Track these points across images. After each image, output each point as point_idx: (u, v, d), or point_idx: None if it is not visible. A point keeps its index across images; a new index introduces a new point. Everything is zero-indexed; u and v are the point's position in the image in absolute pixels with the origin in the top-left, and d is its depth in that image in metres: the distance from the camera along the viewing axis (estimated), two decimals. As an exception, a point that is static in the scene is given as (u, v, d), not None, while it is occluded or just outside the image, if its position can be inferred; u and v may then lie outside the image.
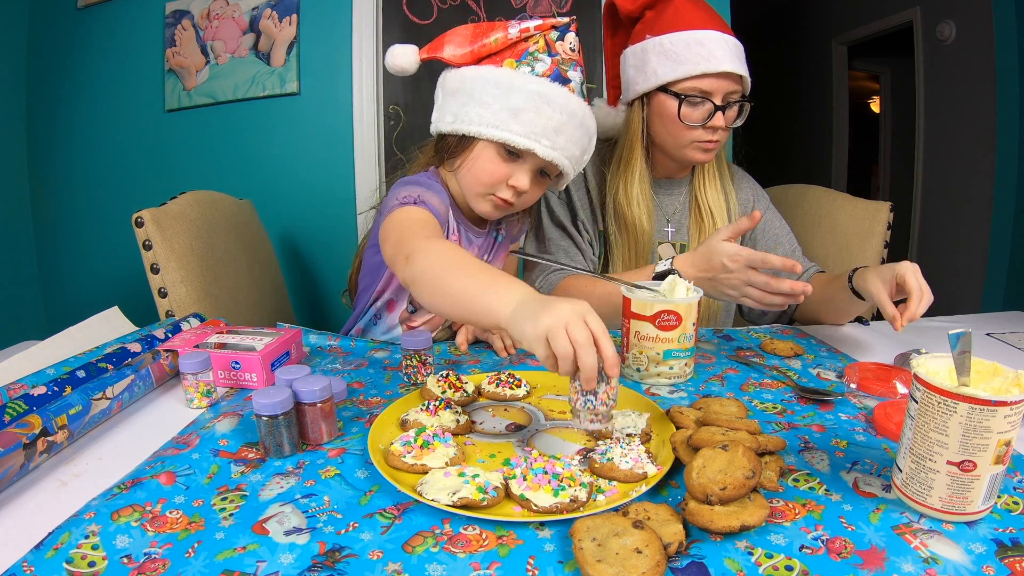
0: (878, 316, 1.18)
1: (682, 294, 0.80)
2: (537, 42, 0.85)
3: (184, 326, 0.92)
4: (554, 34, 0.85)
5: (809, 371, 0.83)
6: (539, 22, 0.85)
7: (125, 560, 0.45)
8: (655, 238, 1.13)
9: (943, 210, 3.15)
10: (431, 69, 1.00)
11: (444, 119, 0.88)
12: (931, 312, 0.84)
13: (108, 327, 0.90)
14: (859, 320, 1.07)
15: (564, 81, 0.84)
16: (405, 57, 0.89)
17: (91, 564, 0.44)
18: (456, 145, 0.88)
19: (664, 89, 1.01)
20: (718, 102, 1.00)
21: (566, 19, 0.86)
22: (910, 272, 0.82)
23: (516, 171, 0.86)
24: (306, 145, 1.92)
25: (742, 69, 1.00)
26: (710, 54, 0.97)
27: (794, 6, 4.32)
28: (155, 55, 1.96)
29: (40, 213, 2.17)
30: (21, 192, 2.14)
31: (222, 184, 1.49)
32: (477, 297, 0.61)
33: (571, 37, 0.85)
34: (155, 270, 1.07)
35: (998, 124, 2.62)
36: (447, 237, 0.90)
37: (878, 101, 4.66)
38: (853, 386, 0.76)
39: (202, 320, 0.98)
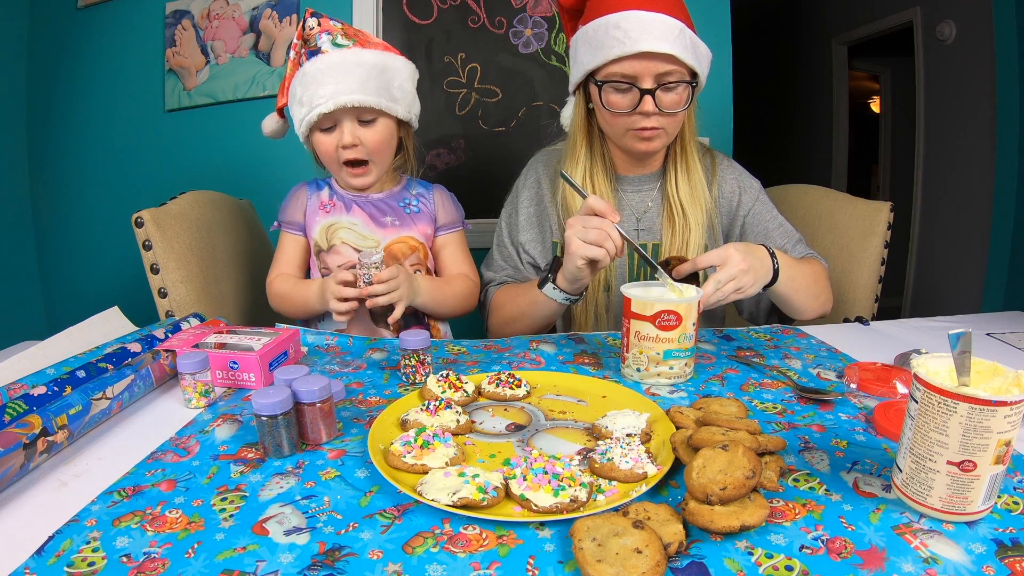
0: (878, 316, 1.18)
1: (689, 291, 0.80)
2: (299, 48, 1.05)
3: (184, 326, 0.92)
4: (305, 31, 1.04)
5: (809, 371, 0.83)
6: (294, 40, 1.05)
7: (124, 559, 0.45)
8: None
9: (943, 210, 3.15)
10: (431, 69, 1.02)
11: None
12: (931, 312, 0.85)
13: (108, 327, 0.90)
14: (859, 320, 1.07)
15: (314, 52, 1.02)
16: (268, 126, 1.15)
17: (90, 564, 0.45)
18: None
19: (591, 78, 0.99)
20: (647, 85, 0.94)
21: (303, 17, 1.05)
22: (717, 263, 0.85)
23: (339, 135, 1.03)
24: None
25: (671, 48, 0.91)
26: (626, 36, 0.91)
27: (794, 6, 4.32)
28: (155, 55, 1.95)
29: (40, 213, 2.17)
30: (21, 192, 2.14)
31: (222, 184, 1.49)
32: (303, 300, 1.07)
33: (310, 21, 1.03)
34: (155, 270, 1.07)
35: (998, 124, 2.62)
36: (323, 210, 1.12)
37: (878, 101, 4.66)
38: (853, 386, 0.76)
39: (202, 320, 0.98)
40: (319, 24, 1.03)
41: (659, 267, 0.85)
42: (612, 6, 0.94)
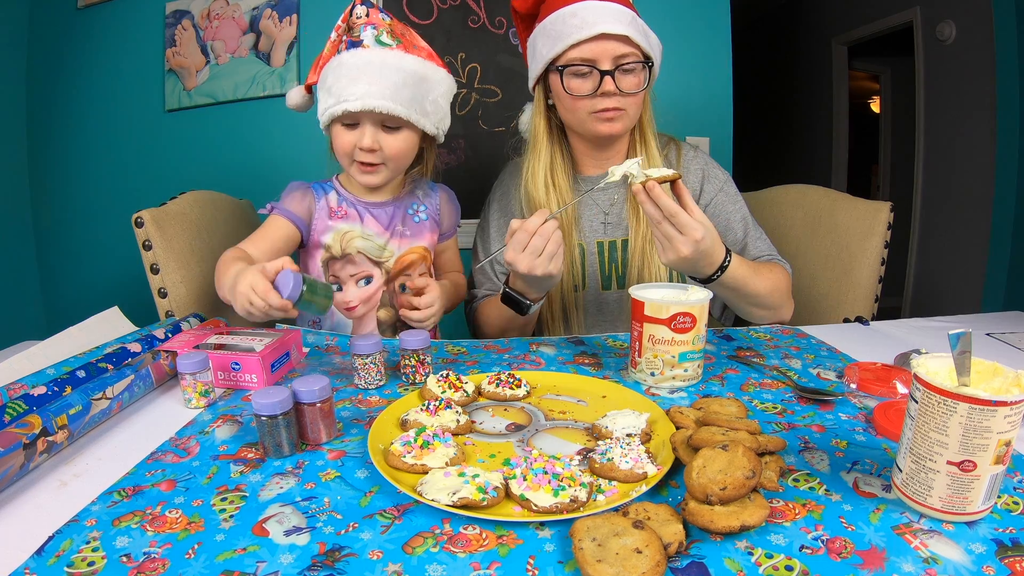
0: (878, 316, 1.18)
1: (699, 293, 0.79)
2: (341, 31, 1.01)
3: (184, 326, 0.92)
4: (352, 17, 1.01)
5: (809, 371, 0.83)
6: (339, 22, 1.01)
7: (124, 559, 0.45)
8: (583, 236, 1.12)
9: (943, 210, 3.15)
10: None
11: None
12: (931, 312, 0.85)
13: (108, 327, 0.90)
14: (859, 320, 1.07)
15: (355, 44, 0.98)
16: (292, 98, 1.08)
17: (90, 564, 0.45)
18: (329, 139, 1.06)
19: (551, 67, 1.03)
20: (606, 67, 0.98)
21: None
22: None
23: (360, 135, 0.99)
24: (306, 145, 1.92)
25: (625, 29, 0.96)
26: (583, 22, 0.96)
27: (794, 6, 4.32)
28: (155, 55, 1.95)
29: (40, 213, 2.16)
30: (21, 192, 2.13)
31: (222, 184, 1.49)
32: (219, 280, 0.91)
33: (359, 9, 1.00)
34: (155, 270, 1.07)
35: (998, 124, 2.62)
36: (331, 216, 1.08)
37: (878, 101, 4.66)
38: (853, 386, 0.76)
39: (202, 320, 0.98)
40: (367, 15, 0.99)
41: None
42: (564, 0, 0.99)
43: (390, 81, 0.96)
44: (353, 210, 1.08)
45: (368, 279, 1.09)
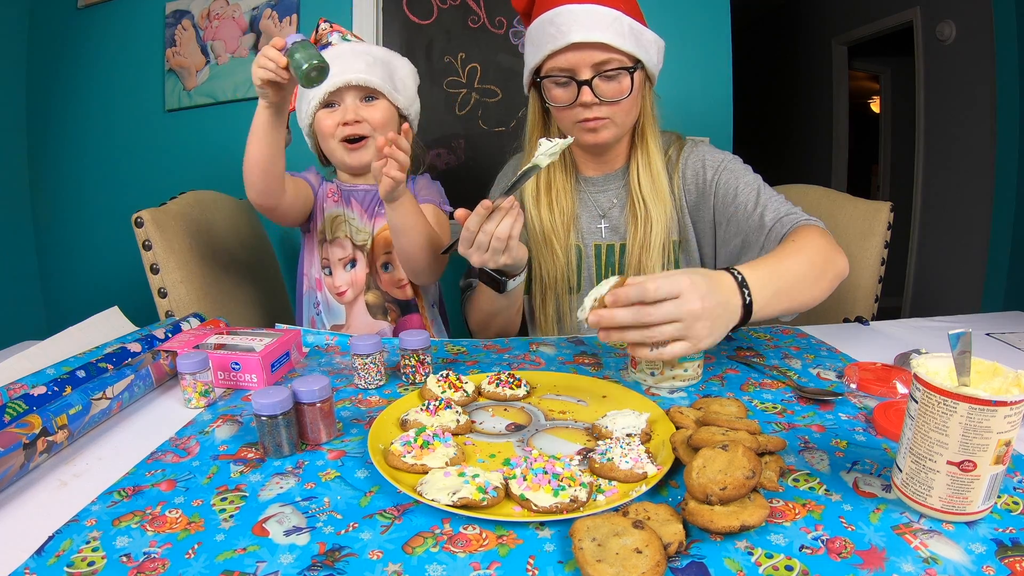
0: (878, 316, 1.18)
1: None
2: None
3: (184, 326, 0.92)
4: (318, 32, 1.17)
5: (809, 371, 0.83)
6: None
7: (124, 559, 0.45)
8: (580, 237, 1.10)
9: (943, 210, 3.15)
10: (431, 69, 1.03)
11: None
12: (931, 312, 0.84)
13: (108, 327, 0.90)
14: (859, 320, 1.07)
15: (324, 47, 1.14)
16: None
17: (90, 564, 0.45)
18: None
19: (536, 76, 1.01)
20: (584, 76, 0.94)
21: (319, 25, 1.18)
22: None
23: (342, 112, 1.09)
24: (306, 145, 1.93)
25: (603, 36, 0.91)
26: (558, 30, 0.92)
27: (794, 6, 4.32)
28: (155, 55, 1.95)
29: (40, 213, 2.17)
30: (21, 192, 2.14)
31: (222, 184, 1.49)
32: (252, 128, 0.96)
33: (322, 26, 1.17)
34: (155, 270, 1.07)
35: (998, 124, 2.62)
36: (331, 197, 1.17)
37: (878, 101, 4.66)
38: (853, 386, 0.76)
39: (202, 320, 0.98)
40: (331, 26, 1.16)
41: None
42: (548, 4, 0.95)
43: (362, 61, 1.09)
44: (341, 195, 1.16)
45: (353, 263, 1.16)
